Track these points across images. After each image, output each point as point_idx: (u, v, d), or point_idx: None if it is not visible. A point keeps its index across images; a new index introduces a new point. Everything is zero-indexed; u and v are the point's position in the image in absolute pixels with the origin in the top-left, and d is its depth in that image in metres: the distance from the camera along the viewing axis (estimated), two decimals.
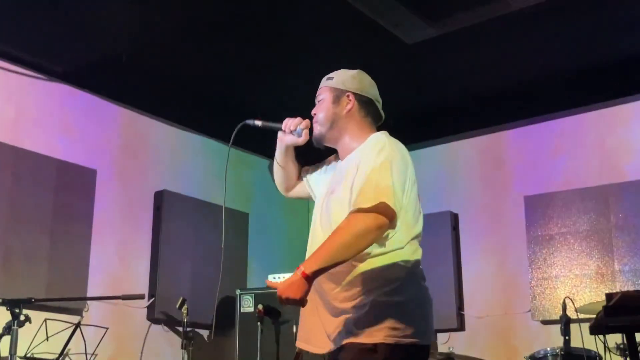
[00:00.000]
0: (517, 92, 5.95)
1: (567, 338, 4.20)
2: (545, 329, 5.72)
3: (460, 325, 6.08)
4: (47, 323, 4.31)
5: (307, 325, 2.63)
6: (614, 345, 4.25)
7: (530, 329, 5.80)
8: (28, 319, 3.81)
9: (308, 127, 2.77)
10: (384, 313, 2.44)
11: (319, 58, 5.34)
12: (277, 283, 2.36)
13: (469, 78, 5.77)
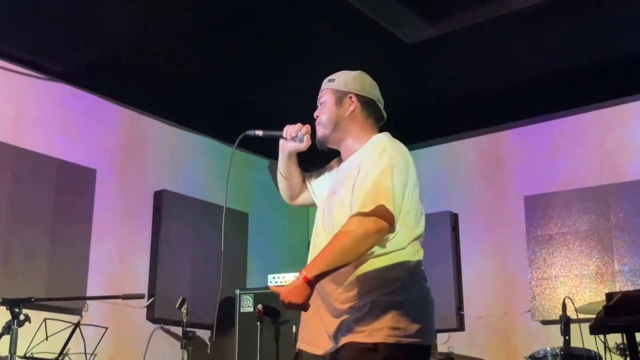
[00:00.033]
0: (517, 92, 5.94)
1: (567, 338, 4.20)
2: (545, 329, 5.72)
3: (460, 325, 6.08)
4: (46, 323, 4.31)
5: (308, 327, 2.64)
6: (614, 345, 4.25)
7: (530, 329, 5.80)
8: (28, 319, 3.81)
9: (309, 132, 2.78)
10: (385, 313, 2.44)
11: (319, 58, 5.33)
12: (279, 288, 2.38)
13: (469, 78, 5.77)
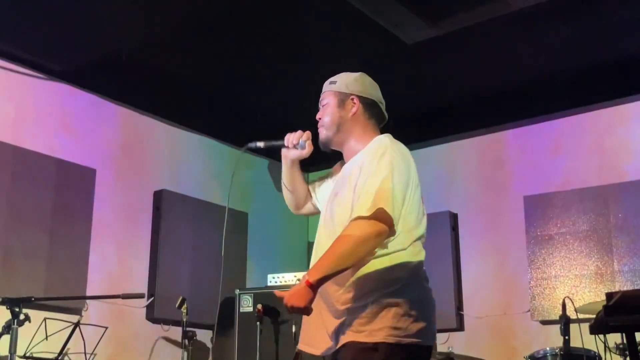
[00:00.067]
0: (517, 92, 5.94)
1: (566, 338, 4.20)
2: (545, 329, 5.71)
3: (460, 325, 6.08)
4: (46, 322, 4.31)
5: (309, 328, 2.65)
6: (614, 345, 4.25)
7: (530, 329, 5.80)
8: (28, 318, 3.81)
9: (310, 138, 2.80)
10: (386, 313, 2.45)
11: (319, 58, 5.34)
12: (283, 292, 2.41)
13: (469, 78, 5.77)
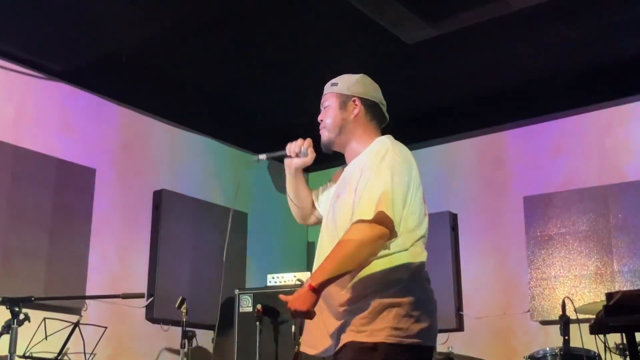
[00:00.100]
0: (517, 92, 5.94)
1: (566, 338, 4.20)
2: (544, 330, 5.72)
3: (459, 326, 6.08)
4: (46, 322, 4.31)
5: (311, 330, 2.66)
6: (613, 345, 4.24)
7: (529, 330, 5.80)
8: (27, 318, 3.80)
9: (311, 145, 2.82)
10: (387, 314, 2.46)
11: (319, 58, 5.33)
12: (287, 297, 2.43)
13: (469, 78, 5.77)
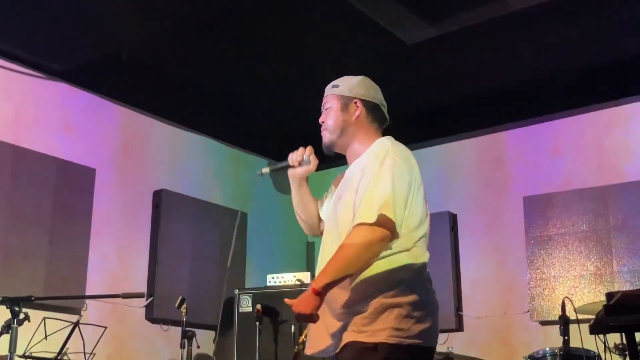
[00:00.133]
0: (517, 92, 5.95)
1: (566, 338, 4.19)
2: (544, 330, 5.71)
3: (459, 326, 6.07)
4: (45, 322, 4.30)
5: (314, 332, 2.66)
6: (613, 346, 4.24)
7: (529, 330, 5.80)
8: (27, 318, 3.80)
9: (312, 152, 2.83)
10: (389, 314, 2.47)
11: (319, 58, 5.34)
12: (292, 301, 2.45)
13: (469, 78, 5.77)
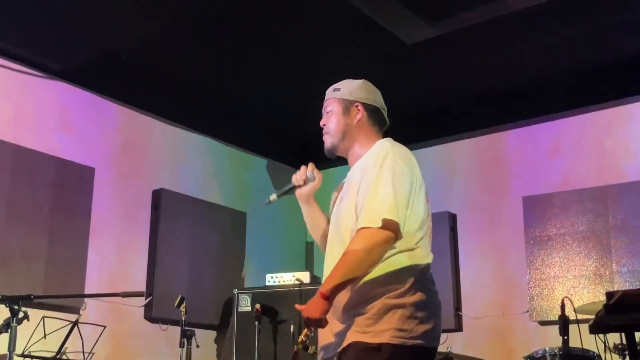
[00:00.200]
0: (516, 92, 5.95)
1: (565, 338, 4.19)
2: (543, 330, 5.71)
3: (458, 326, 6.06)
4: (45, 321, 4.30)
5: (320, 335, 2.67)
6: (613, 346, 4.24)
7: (528, 330, 5.80)
8: (26, 317, 3.80)
9: (314, 167, 2.86)
10: (392, 315, 2.48)
11: (319, 58, 5.34)
12: (301, 306, 2.48)
13: (469, 78, 5.77)
